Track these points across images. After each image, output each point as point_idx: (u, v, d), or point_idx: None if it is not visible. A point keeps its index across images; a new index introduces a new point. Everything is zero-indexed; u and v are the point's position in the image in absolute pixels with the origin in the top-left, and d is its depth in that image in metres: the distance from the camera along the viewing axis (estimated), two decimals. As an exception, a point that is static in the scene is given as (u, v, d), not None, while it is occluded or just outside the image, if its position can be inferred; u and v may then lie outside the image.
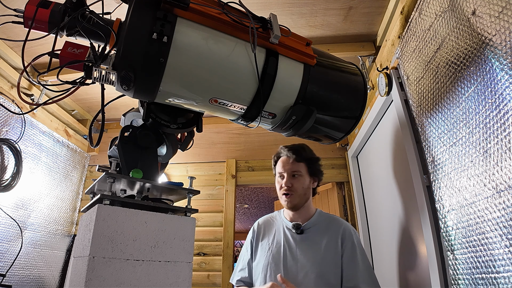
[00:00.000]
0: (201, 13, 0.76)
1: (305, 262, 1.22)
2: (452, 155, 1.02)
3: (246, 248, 1.40)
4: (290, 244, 1.27)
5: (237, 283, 1.33)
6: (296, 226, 1.28)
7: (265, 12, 1.10)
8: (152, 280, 0.77)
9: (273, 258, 1.26)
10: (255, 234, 1.39)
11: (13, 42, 1.86)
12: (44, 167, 2.22)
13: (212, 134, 2.78)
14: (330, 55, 1.05)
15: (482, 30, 0.84)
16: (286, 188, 1.29)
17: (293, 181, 1.30)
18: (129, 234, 0.77)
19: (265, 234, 1.37)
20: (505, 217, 0.78)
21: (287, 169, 1.32)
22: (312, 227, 1.30)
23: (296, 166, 1.32)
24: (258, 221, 1.46)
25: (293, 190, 1.29)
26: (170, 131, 0.97)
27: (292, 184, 1.30)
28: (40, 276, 2.11)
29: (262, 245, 1.34)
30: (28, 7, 0.73)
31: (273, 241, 1.32)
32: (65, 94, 0.83)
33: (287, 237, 1.29)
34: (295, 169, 1.31)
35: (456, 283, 1.00)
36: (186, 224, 0.88)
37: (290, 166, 1.32)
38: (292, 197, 1.29)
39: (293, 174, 1.31)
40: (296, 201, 1.30)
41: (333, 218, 1.35)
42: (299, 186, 1.30)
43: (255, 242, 1.38)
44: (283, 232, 1.32)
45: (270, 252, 1.28)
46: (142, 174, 0.86)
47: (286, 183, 1.30)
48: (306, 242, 1.26)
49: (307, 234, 1.28)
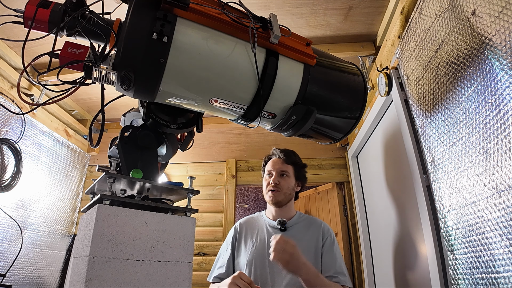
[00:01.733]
0: (201, 13, 0.76)
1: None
2: (452, 155, 1.02)
3: (227, 246, 1.43)
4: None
5: (214, 279, 1.34)
6: (281, 222, 1.37)
7: (265, 12, 1.10)
8: (152, 280, 0.77)
9: (258, 255, 1.31)
10: (237, 233, 1.44)
11: (13, 42, 1.86)
12: (44, 167, 2.22)
13: (212, 134, 2.78)
14: (330, 55, 1.05)
15: (482, 30, 0.84)
16: (274, 185, 1.39)
17: (281, 180, 1.41)
18: (129, 234, 0.77)
19: (247, 233, 1.42)
20: (505, 217, 0.78)
21: (277, 168, 1.43)
22: (294, 225, 1.40)
23: (285, 166, 1.43)
24: (239, 221, 1.51)
25: (279, 188, 1.39)
26: (170, 131, 0.97)
27: (280, 182, 1.40)
28: (40, 276, 2.11)
29: (245, 243, 1.39)
30: (28, 7, 0.73)
31: (256, 239, 1.38)
32: (65, 94, 0.83)
33: (270, 234, 1.35)
34: (284, 169, 1.43)
35: (456, 283, 1.00)
36: (186, 224, 0.88)
37: (280, 166, 1.43)
38: (278, 193, 1.39)
39: (281, 174, 1.42)
40: (280, 198, 1.39)
41: (312, 218, 1.46)
42: (286, 185, 1.40)
43: (237, 241, 1.42)
44: (266, 230, 1.39)
45: (255, 249, 1.34)
46: (142, 174, 0.86)
47: (274, 179, 1.40)
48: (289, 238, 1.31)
49: (290, 231, 1.37)
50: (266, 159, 1.52)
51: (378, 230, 1.97)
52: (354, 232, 2.37)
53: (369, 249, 2.11)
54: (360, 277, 2.24)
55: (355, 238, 2.34)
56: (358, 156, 2.39)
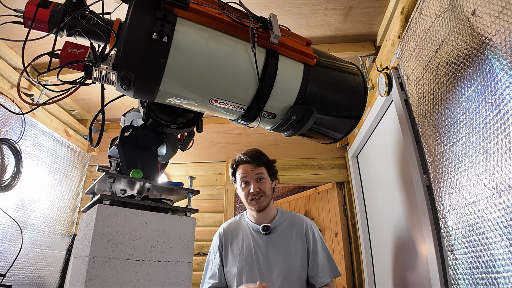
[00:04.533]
0: (201, 13, 0.76)
1: (276, 260, 1.30)
2: (452, 155, 1.02)
3: (214, 254, 1.41)
4: (260, 246, 1.34)
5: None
6: (265, 228, 1.35)
7: (265, 12, 1.10)
8: (152, 280, 0.77)
9: (246, 262, 1.31)
10: (223, 241, 1.42)
11: (13, 42, 1.86)
12: (44, 167, 2.22)
13: (212, 134, 2.77)
14: (330, 55, 1.05)
15: (482, 30, 0.84)
16: (256, 193, 1.35)
17: (260, 185, 1.37)
18: (129, 234, 0.77)
19: (233, 239, 1.41)
20: (505, 217, 0.78)
21: (252, 175, 1.38)
22: (277, 226, 1.39)
23: (258, 170, 1.39)
24: (222, 226, 1.49)
25: (262, 193, 1.36)
26: (170, 131, 0.97)
27: (260, 188, 1.36)
28: (40, 276, 2.11)
29: (232, 251, 1.37)
30: (28, 7, 0.73)
31: (242, 245, 1.37)
32: (65, 94, 0.83)
33: (255, 239, 1.36)
34: (259, 172, 1.39)
35: (456, 283, 1.00)
36: (186, 224, 0.88)
37: (253, 171, 1.38)
38: (262, 199, 1.36)
39: (258, 178, 1.38)
40: (265, 203, 1.37)
41: (294, 215, 1.45)
42: (266, 188, 1.38)
43: (223, 248, 1.40)
44: (250, 234, 1.38)
45: (242, 257, 1.33)
46: (142, 174, 0.86)
47: (255, 188, 1.35)
48: (275, 241, 1.35)
49: (275, 234, 1.37)
50: (234, 166, 1.46)
51: (378, 230, 1.97)
52: (354, 232, 2.37)
53: (369, 249, 2.11)
54: (360, 277, 2.24)
55: (355, 238, 2.34)
56: (358, 156, 2.39)
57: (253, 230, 1.39)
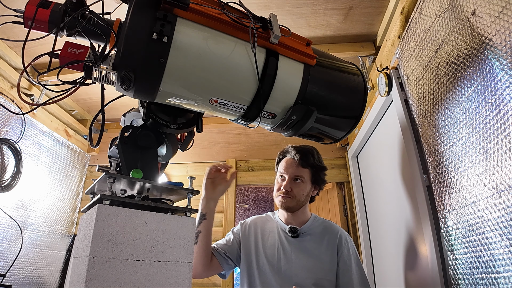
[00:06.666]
0: (201, 13, 0.76)
1: (300, 267, 1.19)
2: (452, 155, 1.02)
3: (234, 236, 1.34)
4: (284, 247, 1.25)
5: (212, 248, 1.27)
6: (292, 230, 1.25)
7: (265, 12, 1.10)
8: (152, 280, 0.77)
9: (267, 260, 1.23)
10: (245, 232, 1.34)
11: (13, 42, 1.86)
12: (44, 167, 2.22)
13: (212, 134, 2.77)
14: (330, 55, 1.05)
15: (482, 30, 0.84)
16: (285, 192, 1.25)
17: (293, 186, 1.26)
18: (129, 234, 0.77)
19: (257, 232, 1.32)
20: (505, 217, 0.78)
21: (290, 172, 1.27)
22: (307, 231, 1.28)
23: (300, 171, 1.27)
24: (246, 220, 1.40)
25: (291, 195, 1.25)
26: (170, 131, 0.97)
27: (292, 189, 1.25)
28: (40, 276, 2.11)
29: (255, 243, 1.29)
30: (28, 7, 0.73)
31: (267, 241, 1.29)
32: (65, 94, 0.83)
33: (281, 240, 1.26)
34: (299, 174, 1.26)
35: (456, 283, 1.00)
36: (186, 224, 0.88)
37: (294, 169, 1.27)
38: (289, 200, 1.26)
39: (295, 178, 1.27)
40: (291, 205, 1.26)
41: (329, 224, 1.32)
42: (299, 192, 1.26)
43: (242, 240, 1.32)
44: (277, 234, 1.29)
45: (264, 253, 1.25)
46: (142, 174, 0.86)
47: (286, 186, 1.25)
48: (301, 247, 1.24)
49: (302, 239, 1.26)
50: (280, 156, 1.35)
51: (378, 230, 1.97)
52: (354, 232, 2.37)
53: (369, 249, 2.11)
54: (360, 277, 2.24)
55: (355, 238, 2.34)
56: (358, 156, 2.39)
57: (281, 229, 1.30)
